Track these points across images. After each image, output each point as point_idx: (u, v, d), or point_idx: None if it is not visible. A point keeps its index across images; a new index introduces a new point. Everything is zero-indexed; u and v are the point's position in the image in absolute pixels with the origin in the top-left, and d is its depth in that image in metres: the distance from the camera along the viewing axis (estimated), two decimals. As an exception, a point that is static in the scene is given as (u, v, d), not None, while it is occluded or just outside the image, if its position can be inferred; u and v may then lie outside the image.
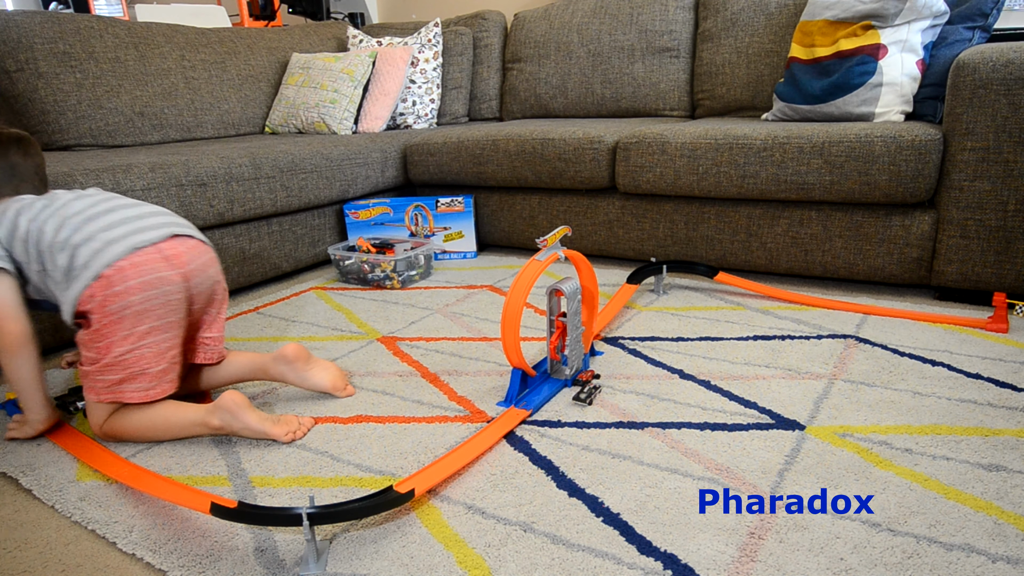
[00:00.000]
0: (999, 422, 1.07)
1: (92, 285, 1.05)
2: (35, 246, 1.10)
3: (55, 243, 1.08)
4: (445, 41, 2.81)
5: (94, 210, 1.13)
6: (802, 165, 1.67)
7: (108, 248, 1.07)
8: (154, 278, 1.08)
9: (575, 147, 2.00)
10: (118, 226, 1.10)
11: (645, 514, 0.88)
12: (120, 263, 1.06)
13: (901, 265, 1.67)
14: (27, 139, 1.22)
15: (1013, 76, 1.44)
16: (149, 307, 1.08)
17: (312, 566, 0.81)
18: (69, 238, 1.08)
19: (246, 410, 1.09)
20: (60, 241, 1.08)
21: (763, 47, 2.24)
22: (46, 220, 1.11)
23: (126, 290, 1.06)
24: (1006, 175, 1.49)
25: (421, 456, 1.05)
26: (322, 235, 2.16)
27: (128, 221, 1.12)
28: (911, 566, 0.77)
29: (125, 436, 1.12)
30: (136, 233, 1.10)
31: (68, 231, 1.09)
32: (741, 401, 1.18)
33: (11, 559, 0.87)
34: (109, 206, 1.14)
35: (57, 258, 1.08)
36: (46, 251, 1.09)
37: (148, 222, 1.14)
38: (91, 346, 1.09)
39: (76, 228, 1.09)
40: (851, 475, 0.95)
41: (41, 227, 1.10)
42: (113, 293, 1.05)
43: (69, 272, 1.07)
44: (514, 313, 1.14)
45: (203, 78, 2.46)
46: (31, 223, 1.11)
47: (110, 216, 1.12)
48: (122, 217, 1.12)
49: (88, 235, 1.08)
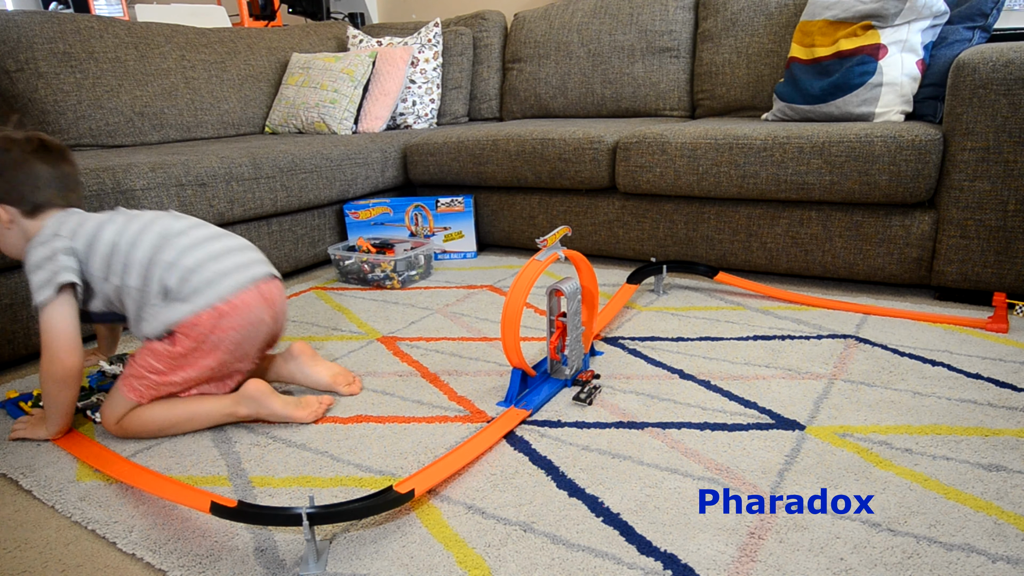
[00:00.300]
0: (999, 422, 1.07)
1: (202, 313, 1.09)
2: (123, 260, 1.11)
3: (158, 261, 1.10)
4: (445, 41, 2.81)
5: (196, 234, 1.15)
6: (802, 165, 1.67)
7: (221, 281, 1.11)
8: (254, 318, 1.14)
9: (575, 147, 2.00)
10: (224, 258, 1.14)
11: (645, 514, 0.88)
12: (232, 299, 1.11)
13: (901, 265, 1.67)
14: (68, 150, 1.21)
15: (1013, 76, 1.44)
16: (241, 342, 1.14)
17: (312, 566, 0.81)
18: (178, 260, 1.10)
19: (271, 396, 1.15)
20: (167, 261, 1.10)
21: (763, 47, 2.24)
22: (139, 235, 1.12)
23: (231, 326, 1.11)
24: (1006, 175, 1.49)
25: (421, 456, 1.05)
26: (322, 235, 2.16)
27: (231, 253, 1.16)
28: (911, 566, 0.77)
29: (143, 431, 1.13)
30: (242, 269, 1.15)
31: (175, 253, 1.11)
32: (741, 401, 1.18)
33: (11, 559, 0.87)
34: (207, 233, 1.17)
35: (162, 276, 1.09)
36: (139, 266, 1.10)
37: (247, 256, 1.18)
38: (164, 360, 1.11)
39: (184, 251, 1.11)
40: (851, 475, 0.95)
41: (134, 241, 1.11)
42: (220, 326, 1.10)
43: (172, 294, 1.09)
44: (514, 313, 1.14)
45: (203, 78, 2.46)
46: (119, 236, 1.12)
47: (212, 245, 1.15)
48: (224, 248, 1.16)
49: (199, 262, 1.11)
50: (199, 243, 1.14)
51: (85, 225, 1.14)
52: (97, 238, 1.12)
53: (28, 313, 1.44)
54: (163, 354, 1.11)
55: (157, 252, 1.11)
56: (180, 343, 1.10)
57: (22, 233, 1.16)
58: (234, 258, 1.15)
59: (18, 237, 1.16)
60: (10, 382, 1.40)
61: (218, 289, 1.10)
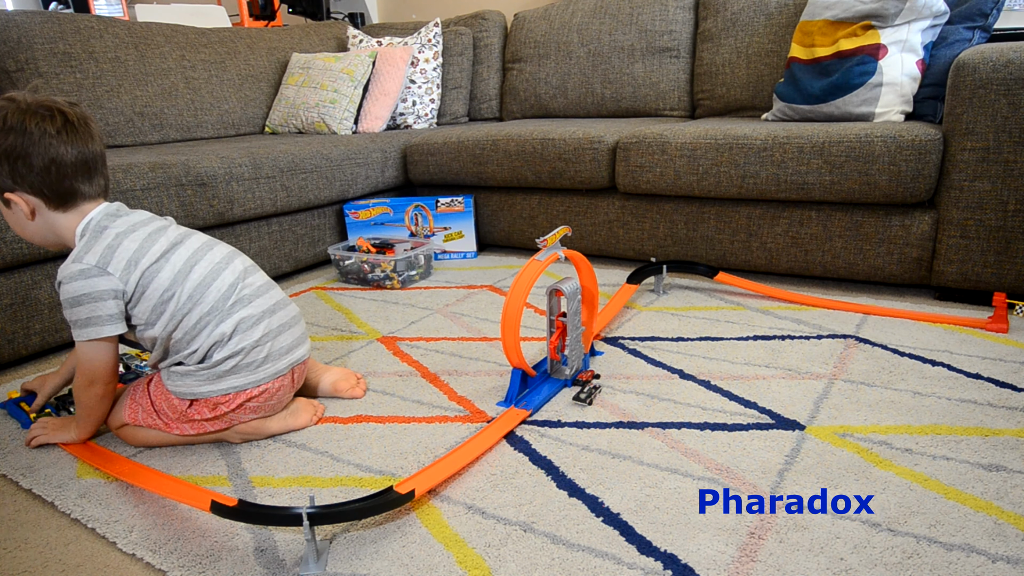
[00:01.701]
0: (999, 422, 1.07)
1: (232, 394, 1.06)
2: (173, 312, 1.02)
3: (212, 331, 1.03)
4: (445, 41, 2.81)
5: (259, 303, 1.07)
6: (802, 165, 1.67)
7: (264, 366, 1.07)
8: (276, 401, 1.11)
9: (575, 147, 2.00)
10: (279, 337, 1.09)
11: (645, 514, 0.88)
12: (266, 385, 1.08)
13: (901, 265, 1.67)
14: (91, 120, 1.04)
15: (1013, 76, 1.44)
16: (232, 421, 1.10)
17: (312, 566, 0.81)
18: (233, 334, 1.04)
19: (264, 425, 1.12)
20: (222, 332, 1.03)
21: (763, 47, 2.24)
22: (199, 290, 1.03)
23: (252, 408, 1.09)
24: (1006, 175, 1.49)
25: (421, 456, 1.05)
26: (322, 235, 2.16)
27: (285, 330, 1.10)
28: (911, 566, 0.77)
29: (138, 442, 1.11)
30: (288, 353, 1.10)
31: (231, 325, 1.03)
32: (741, 401, 1.18)
33: (11, 559, 0.87)
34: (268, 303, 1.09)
35: (211, 347, 1.03)
36: (191, 325, 1.02)
37: (296, 335, 1.12)
38: (176, 412, 1.07)
39: (245, 324, 1.04)
40: (851, 475, 0.95)
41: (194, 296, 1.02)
42: (244, 407, 1.08)
43: (214, 367, 1.04)
44: (514, 313, 1.14)
45: (203, 78, 2.46)
46: (174, 283, 1.02)
47: (272, 319, 1.08)
48: (280, 322, 1.09)
49: (254, 343, 1.05)
50: (259, 318, 1.06)
51: (139, 264, 1.01)
52: (151, 283, 1.01)
53: (28, 313, 1.44)
54: (177, 410, 1.07)
55: (213, 317, 1.03)
56: (199, 411, 1.07)
57: (47, 227, 1.03)
58: (285, 338, 1.10)
59: (43, 229, 1.03)
60: (10, 382, 1.40)
61: (257, 375, 1.06)
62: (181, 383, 1.06)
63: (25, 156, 0.96)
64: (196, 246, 1.08)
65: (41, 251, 1.42)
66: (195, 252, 1.06)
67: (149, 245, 1.03)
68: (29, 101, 0.98)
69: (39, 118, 0.97)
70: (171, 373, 1.07)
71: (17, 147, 0.96)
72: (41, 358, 1.53)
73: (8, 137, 0.96)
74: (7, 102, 0.97)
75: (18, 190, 0.99)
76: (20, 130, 0.96)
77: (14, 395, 1.30)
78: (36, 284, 1.45)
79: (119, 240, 1.01)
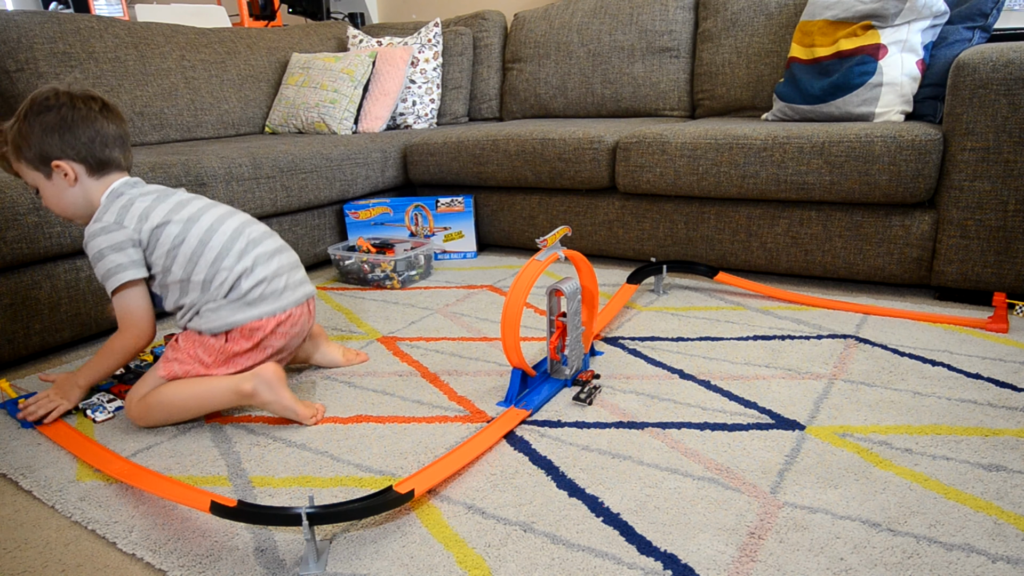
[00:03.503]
0: (999, 422, 1.07)
1: (266, 319, 1.17)
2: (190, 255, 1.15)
3: (230, 265, 1.15)
4: (445, 41, 2.81)
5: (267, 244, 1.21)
6: (802, 165, 1.67)
7: (285, 294, 1.20)
8: (300, 329, 1.24)
9: (575, 147, 2.00)
10: (290, 273, 1.23)
11: (645, 514, 0.88)
12: (292, 311, 1.21)
13: (901, 265, 1.67)
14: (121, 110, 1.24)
15: (1013, 76, 1.44)
16: (284, 348, 1.23)
17: (312, 566, 0.81)
18: (254, 267, 1.17)
19: (283, 385, 1.16)
20: (244, 266, 1.16)
21: (763, 47, 2.24)
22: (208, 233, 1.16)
23: (284, 333, 1.20)
24: (1006, 175, 1.49)
25: (421, 456, 1.05)
26: (322, 235, 2.16)
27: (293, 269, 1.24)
28: (911, 566, 0.77)
29: (158, 408, 1.15)
30: (300, 286, 1.24)
31: (251, 260, 1.17)
32: (741, 401, 1.18)
33: (11, 559, 0.87)
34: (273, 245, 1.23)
35: (236, 279, 1.15)
36: (208, 264, 1.15)
37: (301, 274, 1.26)
38: (214, 355, 1.17)
39: (260, 259, 1.18)
40: (851, 475, 0.95)
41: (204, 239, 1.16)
42: (277, 332, 1.19)
43: (242, 297, 1.16)
44: (514, 313, 1.14)
45: (203, 78, 2.46)
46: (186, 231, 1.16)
47: (281, 258, 1.22)
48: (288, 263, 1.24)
49: (275, 272, 1.19)
50: (271, 254, 1.21)
51: (152, 214, 1.16)
52: (163, 232, 1.15)
53: (28, 313, 1.44)
54: (214, 349, 1.16)
55: (232, 254, 1.16)
56: (237, 343, 1.16)
57: (83, 194, 1.17)
58: (295, 274, 1.24)
59: (78, 197, 1.17)
60: (10, 382, 1.39)
61: (282, 301, 1.19)
62: (215, 317, 1.16)
63: (74, 128, 1.13)
64: (201, 204, 1.22)
65: (41, 251, 1.43)
66: (200, 209, 1.20)
67: (158, 204, 1.18)
68: (73, 87, 1.17)
69: (83, 99, 1.15)
70: (203, 314, 1.16)
71: (68, 120, 1.13)
72: (41, 358, 1.53)
73: (60, 112, 1.13)
74: (52, 89, 1.15)
75: (64, 158, 1.14)
76: (70, 106, 1.13)
77: (13, 395, 1.30)
78: (36, 284, 1.45)
79: (131, 201, 1.17)
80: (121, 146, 1.19)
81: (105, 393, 1.29)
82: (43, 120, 1.12)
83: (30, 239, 1.40)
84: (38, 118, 1.12)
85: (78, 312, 1.53)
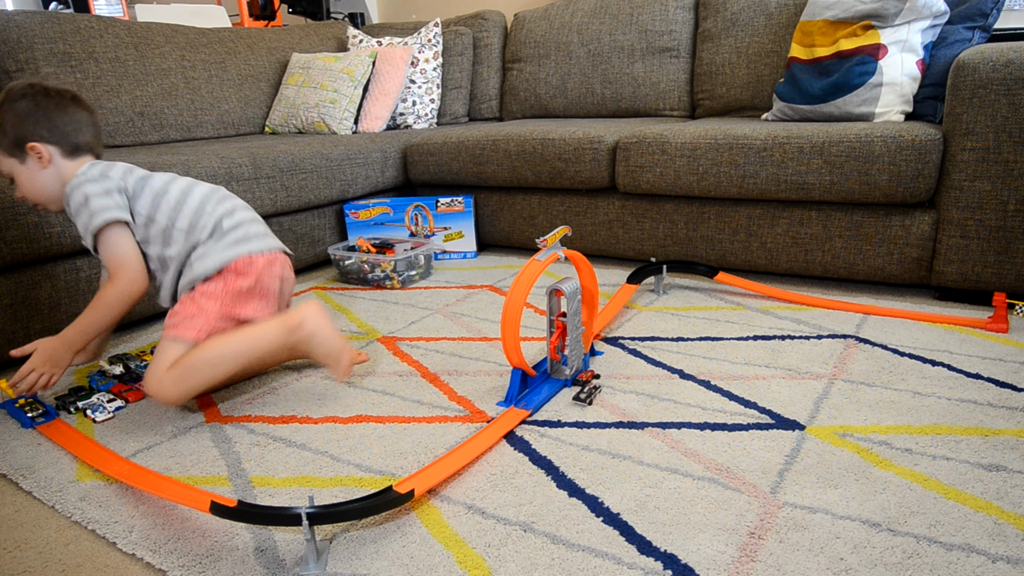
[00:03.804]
0: (999, 422, 1.07)
1: (257, 255, 1.22)
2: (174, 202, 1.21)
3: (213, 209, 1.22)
4: (445, 41, 2.81)
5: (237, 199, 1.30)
6: (802, 165, 1.67)
7: (262, 238, 1.26)
8: (288, 276, 1.30)
9: (575, 147, 2.00)
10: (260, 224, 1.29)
11: (645, 514, 0.88)
12: (276, 254, 1.27)
13: (901, 265, 1.67)
14: None
15: (1013, 76, 1.44)
16: (266, 293, 1.25)
17: (312, 566, 0.81)
18: (234, 211, 1.24)
19: (327, 318, 1.20)
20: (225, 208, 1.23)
21: (763, 47, 2.24)
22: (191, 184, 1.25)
23: (275, 275, 1.25)
24: (1006, 175, 1.49)
25: (421, 456, 1.05)
26: (322, 235, 2.16)
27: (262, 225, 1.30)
28: (911, 566, 0.77)
29: (201, 366, 1.14)
30: (271, 236, 1.30)
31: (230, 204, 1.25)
32: (741, 401, 1.18)
33: (11, 559, 0.87)
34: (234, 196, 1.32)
35: (218, 219, 1.22)
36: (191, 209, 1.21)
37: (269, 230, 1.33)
38: (222, 297, 1.19)
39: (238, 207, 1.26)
40: (851, 475, 0.95)
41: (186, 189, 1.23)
42: (269, 271, 1.24)
43: (228, 235, 1.21)
44: (514, 313, 1.14)
45: (203, 78, 2.46)
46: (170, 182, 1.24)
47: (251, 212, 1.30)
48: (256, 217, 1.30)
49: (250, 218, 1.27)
50: (245, 207, 1.29)
51: (134, 171, 1.24)
52: (148, 181, 1.23)
53: (28, 313, 1.44)
54: (217, 292, 1.19)
55: (212, 201, 1.23)
56: (236, 281, 1.20)
57: (56, 175, 1.21)
58: (267, 227, 1.31)
59: (51, 178, 1.21)
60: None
61: (265, 242, 1.25)
62: (207, 259, 1.19)
63: (48, 113, 1.20)
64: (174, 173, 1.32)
65: (42, 251, 1.43)
66: (174, 175, 1.29)
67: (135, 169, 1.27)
68: (46, 81, 1.26)
69: (56, 90, 1.22)
70: (193, 263, 1.20)
71: (42, 106, 1.19)
72: (41, 358, 1.53)
73: (35, 99, 1.19)
74: (27, 81, 1.21)
75: (39, 140, 1.19)
76: (43, 95, 1.19)
77: (12, 395, 1.30)
78: (36, 284, 1.45)
79: (111, 164, 1.25)
80: (93, 133, 1.25)
81: (105, 393, 1.29)
82: (17, 107, 1.17)
83: (30, 239, 1.40)
84: (12, 106, 1.17)
85: (78, 312, 1.52)
